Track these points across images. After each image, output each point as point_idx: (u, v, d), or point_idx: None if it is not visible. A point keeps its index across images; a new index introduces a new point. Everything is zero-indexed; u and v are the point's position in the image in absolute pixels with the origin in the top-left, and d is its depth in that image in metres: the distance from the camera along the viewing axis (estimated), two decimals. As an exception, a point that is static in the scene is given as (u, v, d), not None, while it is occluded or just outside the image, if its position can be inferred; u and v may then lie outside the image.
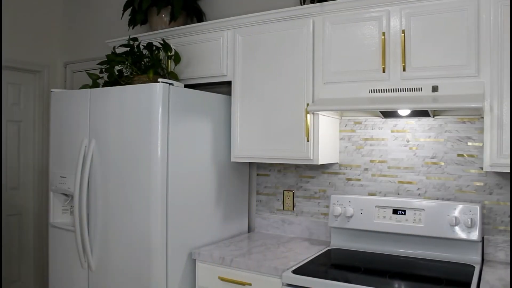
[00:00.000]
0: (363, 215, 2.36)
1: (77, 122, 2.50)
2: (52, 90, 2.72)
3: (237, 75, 2.53)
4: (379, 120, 2.48)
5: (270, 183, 2.84)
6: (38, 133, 3.76)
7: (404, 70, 2.06)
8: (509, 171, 1.87)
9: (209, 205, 2.54)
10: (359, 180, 2.54)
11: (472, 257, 2.12)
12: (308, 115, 2.29)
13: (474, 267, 2.04)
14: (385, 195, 2.46)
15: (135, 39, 2.69)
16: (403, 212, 2.26)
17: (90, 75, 2.66)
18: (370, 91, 2.13)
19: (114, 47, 2.72)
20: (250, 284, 2.11)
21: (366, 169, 2.52)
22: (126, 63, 2.55)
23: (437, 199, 2.32)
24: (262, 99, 2.45)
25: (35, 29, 3.69)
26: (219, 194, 2.61)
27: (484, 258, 2.17)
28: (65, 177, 2.54)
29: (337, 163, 2.60)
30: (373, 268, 2.11)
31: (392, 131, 2.45)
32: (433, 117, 2.34)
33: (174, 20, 2.87)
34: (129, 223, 2.26)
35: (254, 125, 2.48)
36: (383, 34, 2.11)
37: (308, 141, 2.30)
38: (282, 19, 2.39)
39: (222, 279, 2.19)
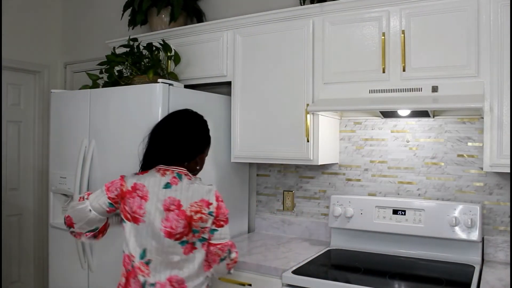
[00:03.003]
0: (363, 216, 2.35)
1: (77, 122, 2.50)
2: (52, 90, 2.72)
3: (237, 75, 2.53)
4: (379, 120, 2.48)
5: (270, 184, 2.84)
6: (38, 133, 3.76)
7: (404, 70, 2.06)
8: (509, 171, 1.87)
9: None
10: (359, 180, 2.54)
11: (472, 258, 2.12)
12: (308, 116, 2.29)
13: (474, 267, 2.04)
14: (385, 196, 2.46)
15: (135, 40, 2.69)
16: (403, 213, 2.26)
17: (90, 75, 2.66)
18: (370, 92, 2.13)
19: (114, 48, 2.72)
20: (250, 285, 2.11)
21: (366, 170, 2.52)
22: (126, 63, 2.55)
23: (437, 199, 2.32)
24: (262, 99, 2.45)
25: (35, 30, 3.69)
26: (219, 195, 2.61)
27: (484, 258, 2.17)
28: (65, 178, 2.54)
29: (337, 163, 2.60)
30: (373, 268, 2.11)
31: (392, 132, 2.45)
32: (433, 117, 2.34)
33: (174, 20, 2.87)
34: (129, 223, 2.26)
35: (254, 125, 2.47)
36: (383, 34, 2.11)
37: (308, 141, 2.29)
38: (282, 19, 2.39)
39: (222, 280, 2.18)
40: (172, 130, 1.71)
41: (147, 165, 1.72)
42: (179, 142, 1.69)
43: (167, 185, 1.62)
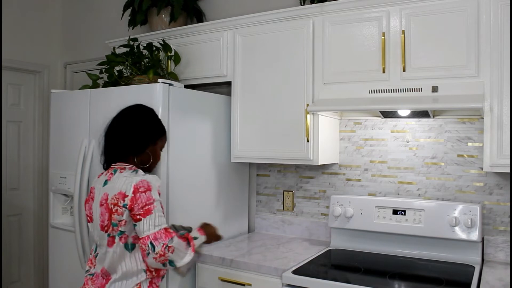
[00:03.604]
0: (363, 216, 2.35)
1: (77, 122, 2.50)
2: (52, 90, 2.72)
3: (237, 75, 2.53)
4: (379, 120, 2.48)
5: (270, 184, 2.84)
6: (38, 133, 3.76)
7: (404, 70, 2.06)
8: (509, 171, 1.87)
9: (209, 206, 2.54)
10: (359, 180, 2.54)
11: (472, 258, 2.12)
12: (308, 116, 2.29)
13: (474, 267, 2.04)
14: (385, 196, 2.46)
15: (135, 40, 2.69)
16: (403, 213, 2.26)
17: (90, 75, 2.65)
18: (370, 92, 2.13)
19: (114, 48, 2.72)
20: (250, 285, 2.11)
21: (366, 170, 2.52)
22: (126, 63, 2.55)
23: (437, 199, 2.32)
24: (262, 99, 2.45)
25: (35, 30, 3.69)
26: (219, 195, 2.61)
27: (484, 258, 2.17)
28: (65, 178, 2.54)
29: (337, 163, 2.60)
30: (373, 268, 2.11)
31: (392, 132, 2.45)
32: (433, 118, 2.34)
33: (174, 20, 2.87)
34: (129, 223, 2.26)
35: (254, 125, 2.47)
36: (383, 34, 2.11)
37: (308, 141, 2.29)
38: (282, 19, 2.39)
39: (222, 280, 2.19)
40: (115, 126, 1.74)
41: (106, 164, 1.76)
42: (121, 137, 1.71)
43: (105, 182, 1.66)
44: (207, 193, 2.52)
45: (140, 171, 1.68)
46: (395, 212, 2.28)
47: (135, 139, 1.71)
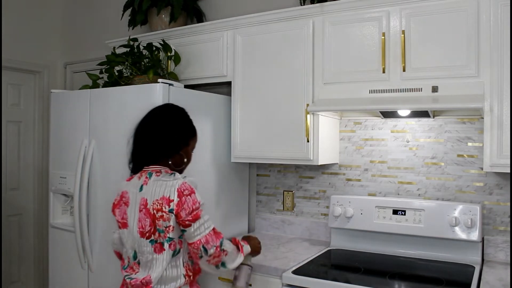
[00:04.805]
0: (363, 216, 2.35)
1: (77, 123, 2.50)
2: (52, 90, 2.72)
3: (237, 75, 2.53)
4: (379, 120, 2.48)
5: (270, 184, 2.84)
6: (38, 133, 3.76)
7: (404, 70, 2.06)
8: (509, 171, 1.87)
9: (209, 205, 2.52)
10: (359, 180, 2.54)
11: (472, 258, 2.12)
12: (308, 116, 2.29)
13: (474, 267, 2.04)
14: (385, 196, 2.46)
15: (135, 40, 2.69)
16: (403, 213, 2.26)
17: (90, 75, 2.65)
18: (370, 92, 2.13)
19: (114, 48, 2.71)
20: (250, 285, 2.10)
21: (366, 170, 2.52)
22: (126, 63, 2.55)
23: (437, 199, 2.32)
24: (262, 100, 2.45)
25: (35, 30, 3.69)
26: (219, 195, 2.61)
27: (484, 258, 2.17)
28: (65, 178, 2.54)
29: (337, 163, 2.60)
30: (373, 268, 2.11)
31: (392, 132, 2.45)
32: (433, 118, 2.34)
33: (174, 20, 2.87)
34: (129, 223, 2.26)
35: (254, 125, 2.47)
36: (383, 34, 2.11)
37: (308, 141, 2.29)
38: (282, 19, 2.39)
39: (222, 280, 2.19)
40: (148, 128, 1.68)
41: (135, 167, 1.70)
42: (155, 139, 1.64)
43: (141, 187, 1.61)
44: (207, 193, 2.52)
45: (177, 174, 1.63)
46: (395, 212, 2.28)
47: (170, 141, 1.65)
